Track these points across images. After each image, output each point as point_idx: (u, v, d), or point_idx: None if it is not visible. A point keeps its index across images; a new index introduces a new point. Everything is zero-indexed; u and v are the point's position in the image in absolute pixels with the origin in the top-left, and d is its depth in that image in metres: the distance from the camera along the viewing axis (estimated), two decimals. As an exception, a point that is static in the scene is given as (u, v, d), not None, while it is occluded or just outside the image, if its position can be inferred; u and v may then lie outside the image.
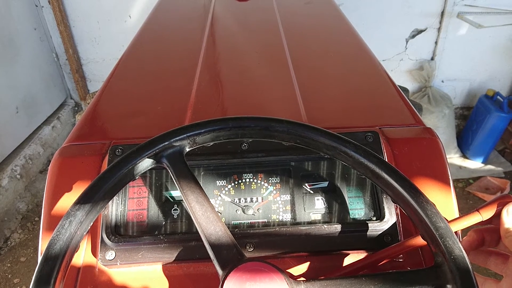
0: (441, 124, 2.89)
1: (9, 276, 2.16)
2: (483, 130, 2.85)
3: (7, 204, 2.40)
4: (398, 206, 0.56)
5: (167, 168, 0.53)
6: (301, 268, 0.61)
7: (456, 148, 3.03)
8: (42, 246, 0.64)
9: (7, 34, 2.55)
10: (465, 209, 2.42)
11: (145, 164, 0.53)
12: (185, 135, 0.53)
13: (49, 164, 2.80)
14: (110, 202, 0.61)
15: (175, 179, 0.53)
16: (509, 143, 2.94)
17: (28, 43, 2.74)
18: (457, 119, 3.19)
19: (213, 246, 0.48)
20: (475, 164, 2.95)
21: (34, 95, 2.80)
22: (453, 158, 3.02)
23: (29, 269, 2.20)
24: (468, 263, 0.44)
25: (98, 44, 2.98)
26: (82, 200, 0.48)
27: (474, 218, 0.54)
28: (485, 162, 2.95)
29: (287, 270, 0.60)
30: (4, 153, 2.52)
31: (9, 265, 2.22)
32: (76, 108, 3.23)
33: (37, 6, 2.79)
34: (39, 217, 2.49)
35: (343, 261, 0.61)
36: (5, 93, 2.53)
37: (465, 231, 0.55)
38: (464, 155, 3.02)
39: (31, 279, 0.42)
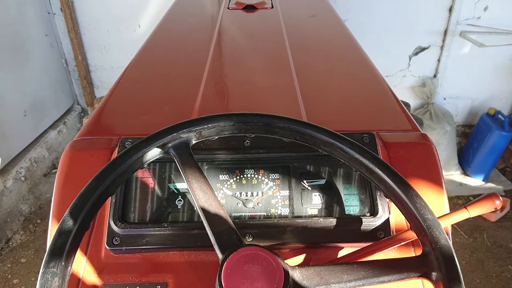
0: (442, 141, 2.91)
1: (9, 276, 2.18)
2: (484, 148, 2.87)
3: (10, 205, 2.43)
4: (391, 204, 0.59)
5: (174, 157, 0.57)
6: (297, 259, 0.64)
7: (457, 165, 3.05)
8: (51, 234, 0.67)
9: (19, 39, 2.61)
10: (464, 224, 2.42)
11: (154, 153, 0.56)
12: (192, 128, 0.57)
13: (53, 168, 2.83)
14: (118, 191, 0.64)
15: (180, 168, 0.56)
16: (509, 162, 2.95)
17: (38, 48, 2.81)
18: (459, 137, 3.21)
19: (214, 231, 0.52)
20: (475, 181, 2.97)
21: (42, 99, 2.85)
22: (454, 175, 3.03)
23: (29, 270, 2.22)
24: (453, 252, 0.47)
25: (107, 52, 3.04)
26: (94, 183, 0.51)
27: (462, 215, 0.57)
28: (485, 180, 2.96)
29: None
30: (10, 155, 2.56)
31: (9, 265, 2.23)
32: (83, 114, 3.28)
33: (49, 13, 2.87)
34: (41, 220, 2.52)
35: (337, 253, 0.64)
36: (14, 96, 2.58)
37: (454, 226, 0.58)
38: (465, 172, 3.04)
39: (31, 280, 0.45)
